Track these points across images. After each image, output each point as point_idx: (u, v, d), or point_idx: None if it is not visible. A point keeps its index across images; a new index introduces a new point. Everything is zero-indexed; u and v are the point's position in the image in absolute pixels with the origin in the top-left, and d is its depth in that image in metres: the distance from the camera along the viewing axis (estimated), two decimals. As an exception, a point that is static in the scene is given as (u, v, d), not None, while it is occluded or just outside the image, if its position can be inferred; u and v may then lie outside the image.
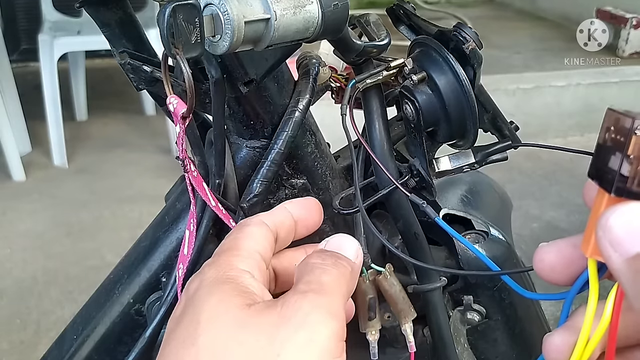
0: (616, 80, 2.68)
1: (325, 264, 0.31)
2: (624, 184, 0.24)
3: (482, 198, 0.74)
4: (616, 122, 0.24)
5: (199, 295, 0.29)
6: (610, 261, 0.24)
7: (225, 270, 0.30)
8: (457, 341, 0.59)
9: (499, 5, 4.41)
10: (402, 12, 0.48)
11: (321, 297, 0.29)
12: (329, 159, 0.54)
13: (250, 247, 0.32)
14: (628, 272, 0.23)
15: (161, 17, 0.31)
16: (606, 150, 0.25)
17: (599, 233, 0.24)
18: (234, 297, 0.28)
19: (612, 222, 0.24)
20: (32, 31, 2.58)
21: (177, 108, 0.37)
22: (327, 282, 0.30)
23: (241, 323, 0.27)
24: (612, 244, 0.23)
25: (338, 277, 0.31)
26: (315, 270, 0.31)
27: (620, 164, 0.23)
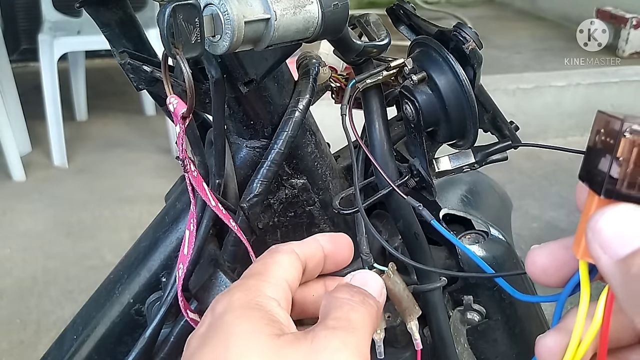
0: (616, 80, 2.68)
1: (354, 300, 0.31)
2: (613, 186, 0.24)
3: (482, 198, 0.74)
4: (606, 124, 0.24)
5: (228, 318, 0.29)
6: (600, 263, 0.24)
7: (254, 296, 0.30)
8: (457, 341, 0.59)
9: (499, 5, 4.40)
10: (402, 12, 0.48)
11: (350, 335, 0.29)
12: (329, 159, 0.54)
13: (279, 275, 0.32)
14: (618, 274, 0.23)
15: (161, 17, 0.31)
16: (596, 152, 0.25)
17: (589, 235, 0.24)
18: (263, 325, 0.28)
19: (601, 224, 0.24)
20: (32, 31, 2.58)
21: (177, 108, 0.37)
22: (356, 320, 0.30)
23: (271, 354, 0.27)
24: (602, 246, 0.24)
25: (365, 315, 0.31)
26: (344, 307, 0.31)
27: (609, 166, 0.24)
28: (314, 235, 0.36)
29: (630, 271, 0.22)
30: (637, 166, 0.23)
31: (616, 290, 0.24)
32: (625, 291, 0.23)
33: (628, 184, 0.23)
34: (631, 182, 0.23)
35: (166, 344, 0.47)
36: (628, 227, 0.23)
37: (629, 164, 0.23)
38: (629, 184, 0.23)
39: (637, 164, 0.23)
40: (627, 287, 0.23)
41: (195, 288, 0.44)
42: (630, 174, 0.23)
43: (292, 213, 0.52)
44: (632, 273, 0.22)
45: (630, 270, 0.22)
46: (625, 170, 0.23)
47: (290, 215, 0.52)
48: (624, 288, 0.23)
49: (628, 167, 0.23)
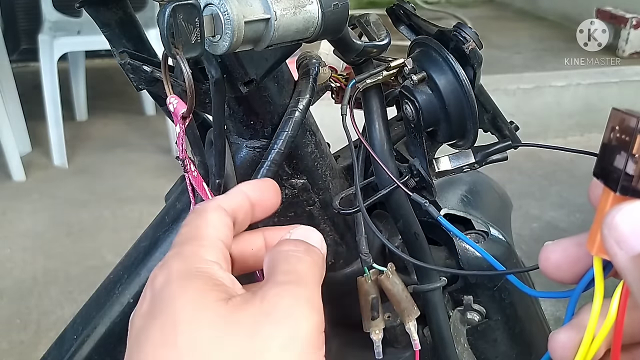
0: (616, 80, 2.68)
1: (299, 251, 0.30)
2: (629, 183, 0.24)
3: (482, 198, 0.74)
4: (621, 121, 0.24)
5: (170, 291, 0.27)
6: (616, 259, 0.24)
7: (194, 262, 0.28)
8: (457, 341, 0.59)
9: (499, 5, 4.41)
10: (402, 12, 0.48)
11: (300, 289, 0.28)
12: (329, 159, 0.54)
13: (213, 235, 0.30)
14: (634, 269, 0.23)
15: (161, 17, 0.31)
16: (611, 149, 0.25)
17: (605, 231, 0.24)
18: (208, 292, 0.27)
19: (618, 220, 0.24)
20: (32, 31, 2.58)
21: (177, 108, 0.37)
22: (304, 271, 0.29)
23: (221, 321, 0.26)
24: (618, 241, 0.24)
25: (312, 265, 0.30)
26: (290, 259, 0.30)
27: (625, 163, 0.24)
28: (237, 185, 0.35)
29: None
30: None
31: (632, 286, 0.24)
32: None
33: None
34: None
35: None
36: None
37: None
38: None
39: None
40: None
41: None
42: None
43: (292, 213, 0.52)
44: None
45: None
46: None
47: (290, 215, 0.52)
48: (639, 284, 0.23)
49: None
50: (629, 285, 0.24)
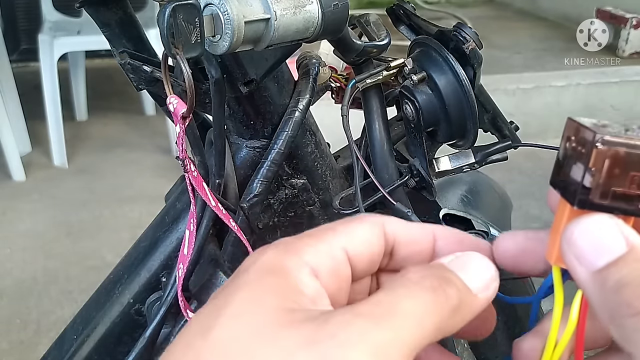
0: (616, 80, 2.68)
1: (422, 285, 0.22)
2: (586, 196, 0.24)
3: (482, 198, 0.74)
4: (577, 132, 0.24)
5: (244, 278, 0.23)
6: (575, 274, 0.24)
7: (285, 258, 0.24)
8: (457, 341, 0.59)
9: (499, 5, 4.40)
10: (402, 12, 0.48)
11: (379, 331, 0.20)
12: (329, 159, 0.54)
13: (335, 242, 0.25)
14: (594, 285, 0.23)
15: (161, 17, 0.31)
16: (568, 159, 0.25)
17: (564, 247, 0.24)
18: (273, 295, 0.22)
19: (576, 235, 0.24)
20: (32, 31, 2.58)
21: (177, 108, 0.37)
22: (405, 311, 0.21)
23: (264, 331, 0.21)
24: (578, 257, 0.23)
25: (427, 308, 0.22)
26: (399, 290, 0.22)
27: (582, 176, 0.24)
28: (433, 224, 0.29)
29: (606, 284, 0.22)
30: (609, 176, 0.23)
31: (592, 301, 0.23)
32: (602, 303, 0.23)
33: (601, 194, 0.24)
34: (604, 192, 0.23)
35: (166, 344, 0.47)
36: (604, 238, 0.23)
37: (601, 175, 0.23)
38: (601, 194, 0.24)
39: (609, 174, 0.23)
40: (603, 299, 0.23)
41: (195, 288, 0.44)
42: (602, 184, 0.23)
43: (292, 213, 0.52)
44: (608, 286, 0.22)
45: (606, 283, 0.22)
46: (598, 180, 0.23)
47: (290, 215, 0.52)
48: (600, 300, 0.23)
49: (600, 177, 0.23)
50: (589, 300, 0.24)
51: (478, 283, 0.24)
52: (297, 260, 0.24)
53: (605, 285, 0.22)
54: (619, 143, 0.23)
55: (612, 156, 0.23)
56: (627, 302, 0.21)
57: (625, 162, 0.23)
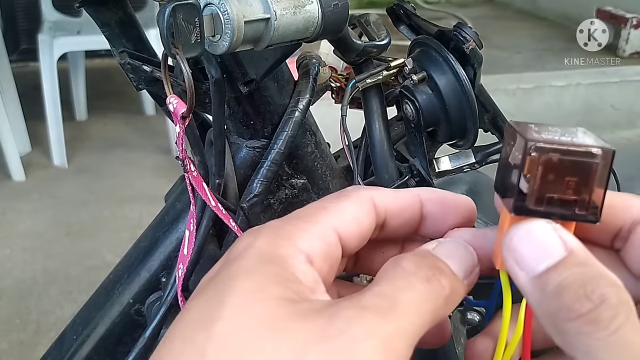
0: (616, 80, 2.68)
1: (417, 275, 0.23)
2: (522, 202, 0.24)
3: (482, 198, 0.74)
4: (514, 138, 0.24)
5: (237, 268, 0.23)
6: (516, 279, 0.24)
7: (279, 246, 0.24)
8: (457, 341, 0.59)
9: (499, 5, 4.40)
10: (402, 12, 0.48)
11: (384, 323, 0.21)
12: (329, 159, 0.54)
13: (327, 223, 0.25)
14: (534, 290, 0.23)
15: (161, 17, 0.31)
16: (507, 165, 0.25)
17: (505, 252, 0.24)
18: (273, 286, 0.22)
19: (515, 241, 0.24)
20: (32, 31, 2.58)
21: (177, 108, 0.37)
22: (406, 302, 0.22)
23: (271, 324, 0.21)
24: (518, 262, 0.23)
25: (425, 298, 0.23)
26: (397, 281, 0.23)
27: (518, 182, 0.24)
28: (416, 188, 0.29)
29: (545, 288, 0.22)
30: (543, 182, 0.23)
31: (534, 307, 0.23)
32: (543, 308, 0.23)
33: (536, 200, 0.24)
34: (539, 198, 0.24)
35: (166, 344, 0.47)
36: (542, 243, 0.23)
37: (536, 181, 0.23)
38: (537, 200, 0.24)
39: (543, 180, 0.23)
40: (543, 305, 0.23)
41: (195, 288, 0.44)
42: (537, 190, 0.24)
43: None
44: (547, 290, 0.22)
45: (545, 288, 0.22)
46: (533, 187, 0.23)
47: (290, 215, 0.52)
48: (540, 305, 0.23)
49: (535, 183, 0.23)
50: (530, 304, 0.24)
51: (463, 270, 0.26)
52: (292, 247, 0.24)
53: (546, 289, 0.22)
54: (552, 149, 0.23)
55: (545, 162, 0.23)
56: (567, 306, 0.21)
57: (559, 168, 0.23)
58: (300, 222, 0.25)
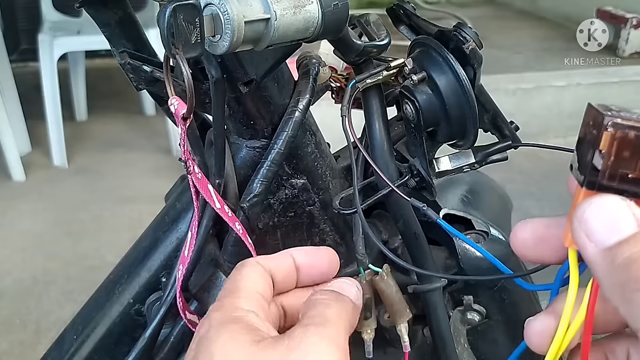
0: (616, 80, 2.68)
1: (328, 299, 0.33)
2: (595, 178, 0.24)
3: (482, 198, 0.74)
4: (593, 118, 0.25)
5: (209, 336, 0.30)
6: (585, 252, 0.24)
7: (231, 312, 0.32)
8: (457, 341, 0.59)
9: (499, 5, 4.40)
10: (402, 12, 0.48)
11: (325, 329, 0.30)
12: (329, 159, 0.54)
13: (249, 288, 0.34)
14: (602, 263, 0.24)
15: (161, 17, 0.31)
16: (584, 144, 0.25)
17: (575, 224, 0.25)
18: (242, 334, 0.30)
19: (587, 214, 0.24)
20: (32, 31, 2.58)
21: (178, 109, 0.37)
22: (330, 315, 0.32)
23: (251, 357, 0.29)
24: (588, 234, 0.24)
25: (340, 310, 0.33)
26: (318, 305, 0.33)
27: (591, 158, 0.24)
28: (287, 249, 0.38)
29: (615, 261, 0.23)
30: (617, 159, 0.24)
31: (600, 280, 0.24)
32: (609, 281, 0.23)
33: (609, 176, 0.24)
34: (612, 174, 0.24)
35: (166, 344, 0.47)
36: (615, 217, 0.24)
37: (610, 157, 0.24)
38: (610, 176, 0.24)
39: (617, 157, 0.24)
40: (611, 277, 0.23)
41: (195, 288, 0.44)
42: (611, 166, 0.24)
43: (292, 213, 0.52)
44: (616, 263, 0.23)
45: (615, 260, 0.23)
46: (607, 162, 0.24)
47: (290, 215, 0.52)
48: (608, 278, 0.23)
49: (609, 159, 0.24)
50: (597, 278, 0.24)
51: (352, 295, 0.36)
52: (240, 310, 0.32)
53: (615, 262, 0.23)
54: (629, 126, 0.23)
55: (621, 139, 0.24)
56: (635, 278, 0.22)
57: (635, 145, 0.24)
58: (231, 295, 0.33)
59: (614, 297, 0.23)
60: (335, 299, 0.34)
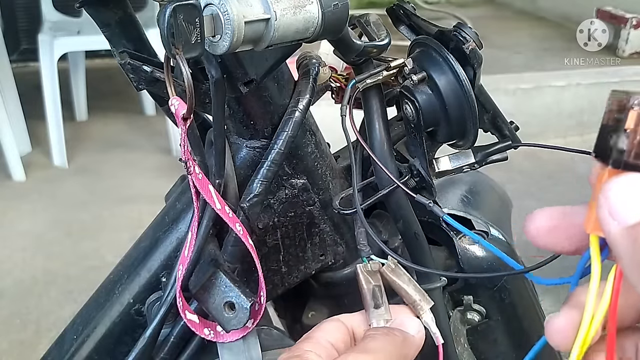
0: (616, 80, 2.68)
1: (377, 333, 0.36)
2: (621, 156, 0.24)
3: (482, 198, 0.74)
4: (617, 102, 0.25)
5: None
6: (608, 230, 0.24)
7: (294, 352, 0.36)
8: (457, 341, 0.59)
9: (499, 5, 4.40)
10: (402, 12, 0.48)
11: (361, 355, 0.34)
12: (329, 159, 0.54)
13: (320, 337, 0.37)
14: (626, 240, 0.23)
15: (161, 17, 0.31)
16: (608, 129, 0.25)
17: (601, 201, 0.24)
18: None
19: (612, 192, 0.24)
20: (32, 31, 2.58)
21: (179, 109, 0.37)
22: (372, 346, 0.35)
23: None
24: (611, 212, 0.24)
25: (385, 342, 0.35)
26: (366, 339, 0.36)
27: (618, 137, 0.24)
28: None
29: (638, 239, 0.23)
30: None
31: (622, 260, 0.24)
32: (632, 260, 0.23)
33: (635, 155, 0.24)
34: (638, 153, 0.24)
35: (166, 344, 0.47)
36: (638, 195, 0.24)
37: (636, 135, 0.24)
38: (636, 155, 0.24)
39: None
40: (634, 256, 0.23)
41: (195, 288, 0.44)
42: (637, 145, 0.24)
43: (292, 213, 0.52)
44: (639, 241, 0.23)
45: (638, 238, 0.23)
46: (633, 141, 0.24)
47: (290, 215, 0.52)
48: (631, 256, 0.23)
49: (635, 138, 0.24)
50: (619, 258, 0.24)
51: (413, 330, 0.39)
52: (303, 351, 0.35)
53: (637, 240, 0.23)
54: None
55: None
56: None
57: None
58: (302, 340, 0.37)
59: (635, 277, 0.23)
60: (384, 332, 0.36)
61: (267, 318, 0.60)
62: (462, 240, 0.59)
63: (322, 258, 0.56)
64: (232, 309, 0.43)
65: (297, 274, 0.55)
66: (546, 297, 1.26)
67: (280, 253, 0.53)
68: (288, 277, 0.55)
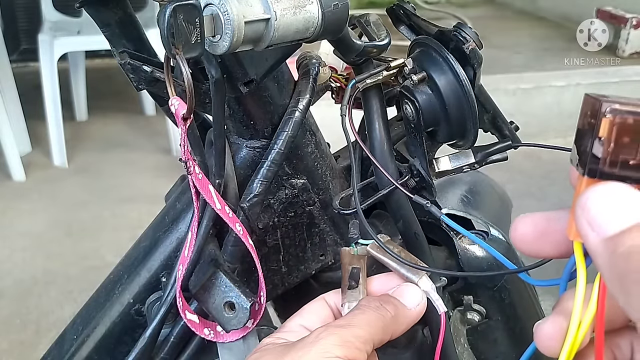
0: (616, 80, 2.68)
1: (369, 306, 0.35)
2: (596, 165, 0.24)
3: (482, 198, 0.74)
4: (591, 106, 0.24)
5: None
6: (587, 241, 0.24)
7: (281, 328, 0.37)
8: (457, 341, 0.59)
9: (499, 5, 4.40)
10: (402, 12, 0.48)
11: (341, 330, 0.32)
12: (329, 159, 0.54)
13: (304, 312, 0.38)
14: (604, 252, 0.23)
15: (161, 17, 0.31)
16: (583, 134, 0.25)
17: (578, 212, 0.24)
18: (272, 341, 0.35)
19: (590, 202, 0.24)
20: (32, 31, 2.58)
21: (179, 109, 0.37)
22: (359, 319, 0.33)
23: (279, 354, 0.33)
24: (590, 223, 0.23)
25: (372, 317, 0.34)
26: (354, 311, 0.35)
27: (591, 146, 0.24)
28: None
29: (616, 250, 0.22)
30: (618, 145, 0.23)
31: (602, 270, 0.23)
32: (611, 271, 0.23)
33: (610, 163, 0.23)
34: (613, 161, 0.23)
35: (166, 344, 0.47)
36: (617, 206, 0.23)
37: (610, 143, 0.23)
38: (611, 163, 0.23)
39: (617, 143, 0.23)
40: (612, 267, 0.22)
41: (195, 288, 0.44)
42: (611, 153, 0.23)
43: (292, 213, 0.52)
44: (618, 252, 0.22)
45: (617, 249, 0.22)
46: (607, 149, 0.23)
47: (290, 215, 0.52)
48: (609, 267, 0.23)
49: (609, 146, 0.23)
50: (599, 268, 0.23)
51: (410, 302, 0.37)
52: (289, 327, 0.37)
53: (616, 251, 0.22)
54: (628, 112, 0.23)
55: (620, 124, 0.23)
56: (636, 269, 0.21)
57: (635, 130, 0.23)
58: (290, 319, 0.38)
59: (614, 289, 0.23)
60: (376, 307, 0.35)
61: (267, 318, 0.60)
62: (462, 240, 0.59)
63: (322, 258, 0.56)
64: (232, 309, 0.43)
65: (297, 274, 0.55)
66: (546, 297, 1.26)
67: (280, 253, 0.53)
68: (288, 277, 0.55)
